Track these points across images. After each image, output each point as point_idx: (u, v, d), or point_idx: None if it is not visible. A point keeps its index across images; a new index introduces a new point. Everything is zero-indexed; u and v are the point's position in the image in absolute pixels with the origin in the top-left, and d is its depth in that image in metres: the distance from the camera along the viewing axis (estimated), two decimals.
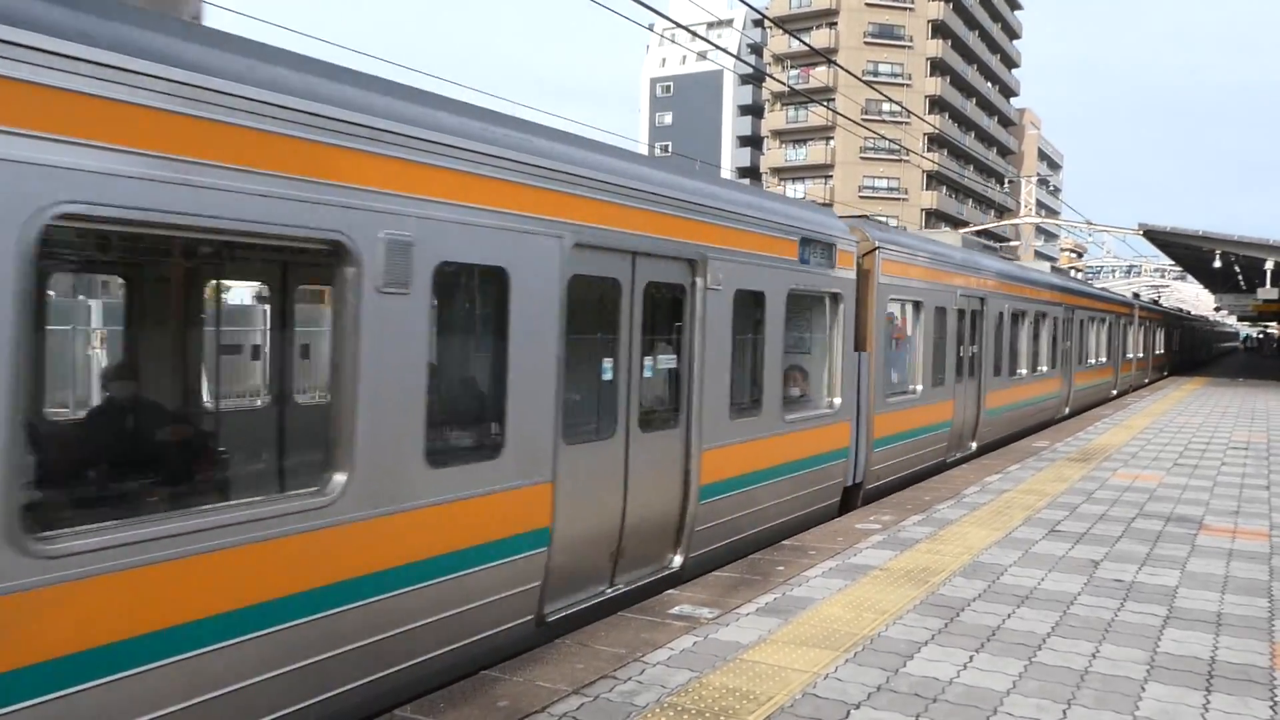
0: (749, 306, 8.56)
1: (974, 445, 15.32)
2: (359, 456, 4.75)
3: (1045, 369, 19.90)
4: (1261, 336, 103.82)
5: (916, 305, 12.71)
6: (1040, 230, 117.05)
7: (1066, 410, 22.37)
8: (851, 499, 10.97)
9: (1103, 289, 37.73)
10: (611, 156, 6.81)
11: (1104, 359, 27.31)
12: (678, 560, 7.62)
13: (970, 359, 14.94)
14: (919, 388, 12.69)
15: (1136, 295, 43.84)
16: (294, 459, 6.41)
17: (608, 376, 6.82)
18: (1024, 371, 18.34)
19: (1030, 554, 8.33)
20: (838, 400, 10.27)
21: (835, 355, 10.35)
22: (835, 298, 10.25)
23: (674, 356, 7.68)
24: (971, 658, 5.71)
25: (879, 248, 11.21)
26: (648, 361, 7.25)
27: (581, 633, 6.04)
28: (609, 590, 6.87)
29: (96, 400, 10.39)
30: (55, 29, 3.59)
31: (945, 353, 13.71)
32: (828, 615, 6.44)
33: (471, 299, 6.11)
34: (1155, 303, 50.88)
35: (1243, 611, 6.82)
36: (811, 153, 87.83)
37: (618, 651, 5.68)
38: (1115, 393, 29.22)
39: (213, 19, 4.90)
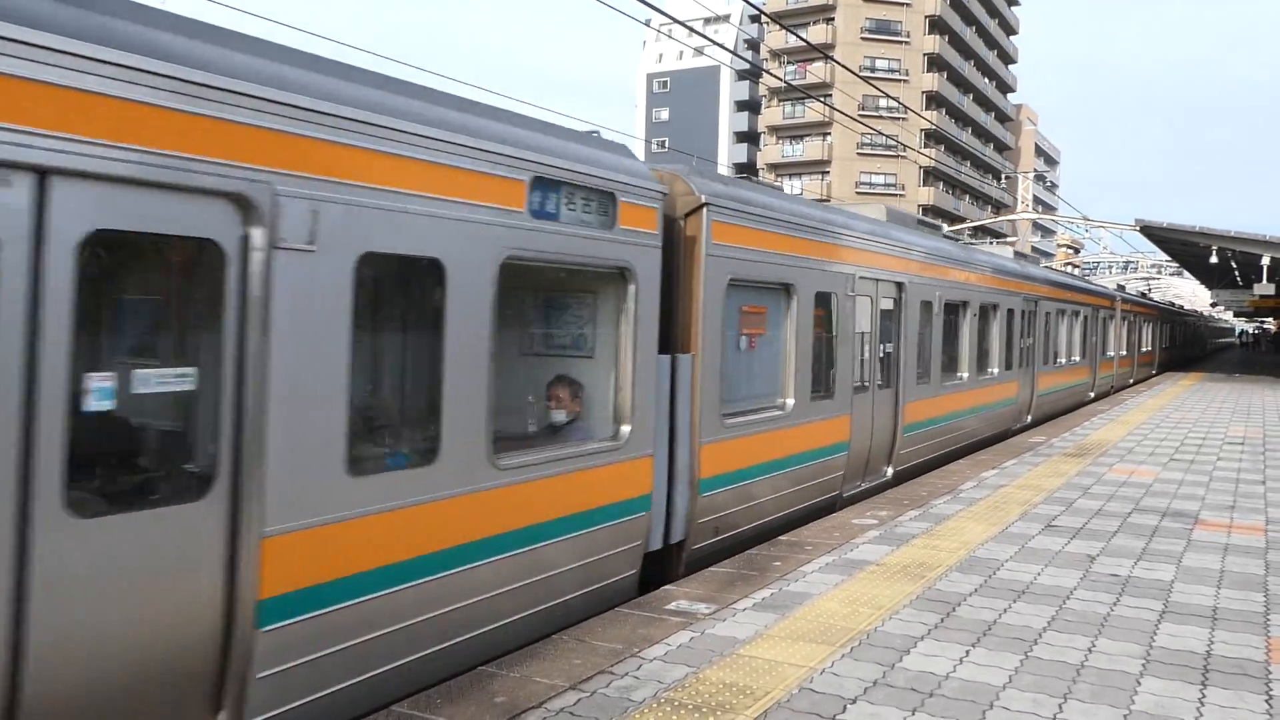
0: (400, 282, 5.77)
1: (890, 471, 12.17)
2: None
3: (996, 371, 16.86)
4: (1259, 332, 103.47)
5: (786, 289, 9.47)
6: (1037, 226, 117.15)
7: (1028, 419, 19.42)
8: (666, 567, 7.87)
9: (1083, 278, 34.64)
10: None
11: (1078, 358, 24.52)
12: None
13: (882, 361, 11.91)
14: (788, 402, 9.50)
15: (1121, 287, 40.48)
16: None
17: None
18: (964, 375, 15.12)
19: (1027, 549, 8.35)
20: (627, 428, 7.07)
21: (624, 361, 7.10)
22: (623, 274, 7.04)
23: (190, 376, 4.44)
24: (968, 652, 5.72)
25: (708, 204, 7.91)
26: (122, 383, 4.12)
27: (579, 628, 6.05)
28: None
29: None
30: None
31: (835, 354, 10.46)
32: (824, 610, 6.45)
33: None
34: (1144, 295, 46.66)
35: (1238, 606, 6.83)
36: (808, 148, 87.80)
37: (614, 647, 5.68)
38: (1092, 395, 26.77)
39: None
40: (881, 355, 11.74)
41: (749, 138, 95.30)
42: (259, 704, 4.50)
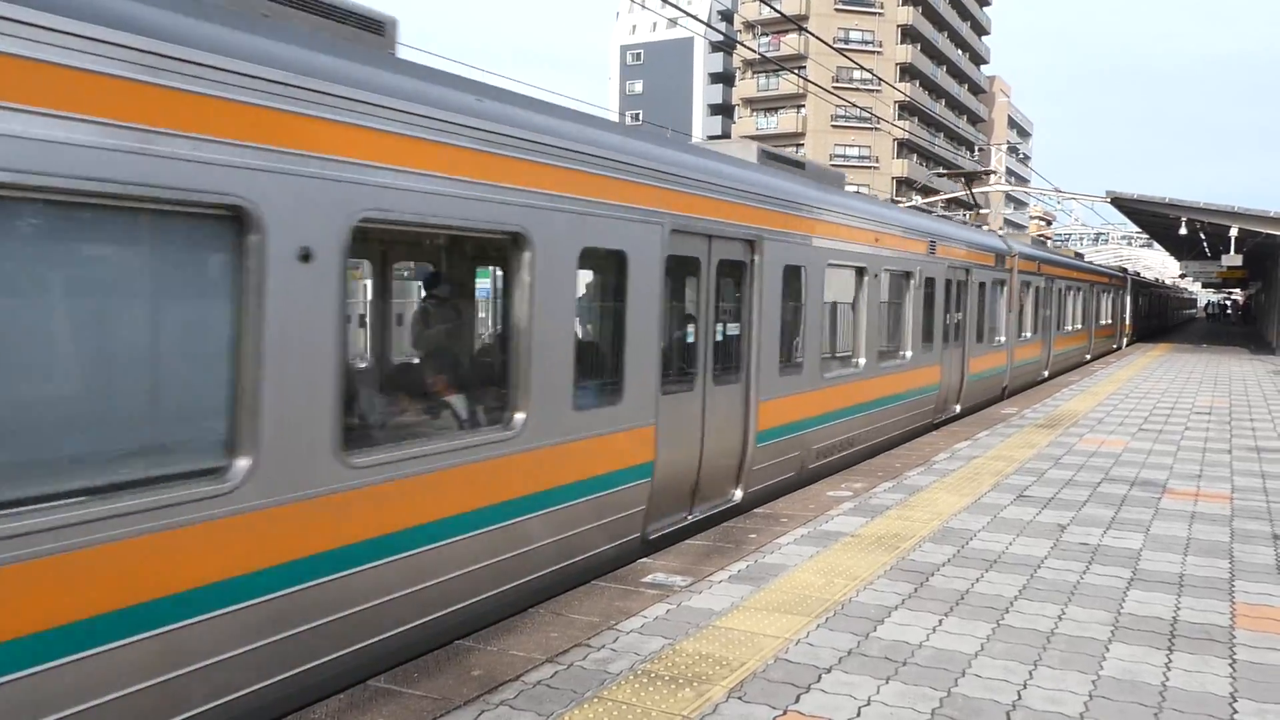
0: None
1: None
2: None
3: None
4: (1229, 302, 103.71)
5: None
6: (1010, 198, 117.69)
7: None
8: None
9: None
10: None
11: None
12: None
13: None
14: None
15: (1079, 255, 38.95)
16: None
17: None
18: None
19: (999, 519, 8.44)
20: None
21: None
22: None
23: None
24: (941, 621, 5.80)
25: None
26: None
27: (555, 602, 6.07)
28: None
29: None
30: None
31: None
32: (800, 582, 6.51)
33: None
34: (1078, 255, 40.13)
35: (1205, 573, 6.95)
36: (783, 121, 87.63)
37: (591, 620, 5.71)
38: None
39: None
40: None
41: (723, 110, 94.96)
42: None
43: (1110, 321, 37.14)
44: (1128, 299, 41.85)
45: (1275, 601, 6.34)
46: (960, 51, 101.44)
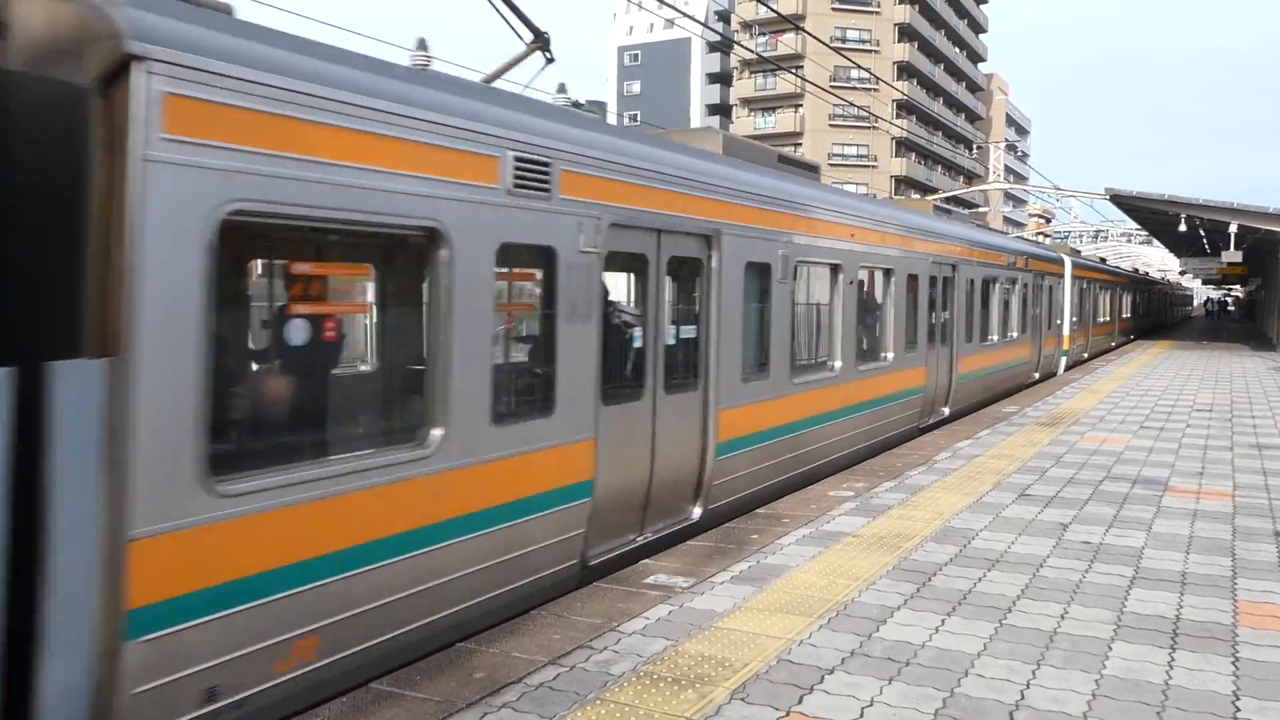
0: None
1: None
2: None
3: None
4: (1231, 299, 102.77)
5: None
6: (1008, 196, 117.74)
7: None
8: None
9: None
10: None
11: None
12: None
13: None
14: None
15: (1075, 252, 37.10)
16: None
17: None
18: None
19: (1001, 518, 8.44)
20: None
21: None
22: None
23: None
24: (943, 621, 5.79)
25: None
26: None
27: (557, 604, 6.07)
28: None
29: None
30: None
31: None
32: (802, 582, 6.50)
33: None
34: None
35: (1207, 571, 6.95)
36: (780, 120, 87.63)
37: (593, 621, 5.71)
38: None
39: None
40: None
41: (721, 110, 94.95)
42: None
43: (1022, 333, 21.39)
44: (1065, 296, 27.15)
45: (1278, 599, 6.33)
46: (958, 49, 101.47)
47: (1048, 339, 23.97)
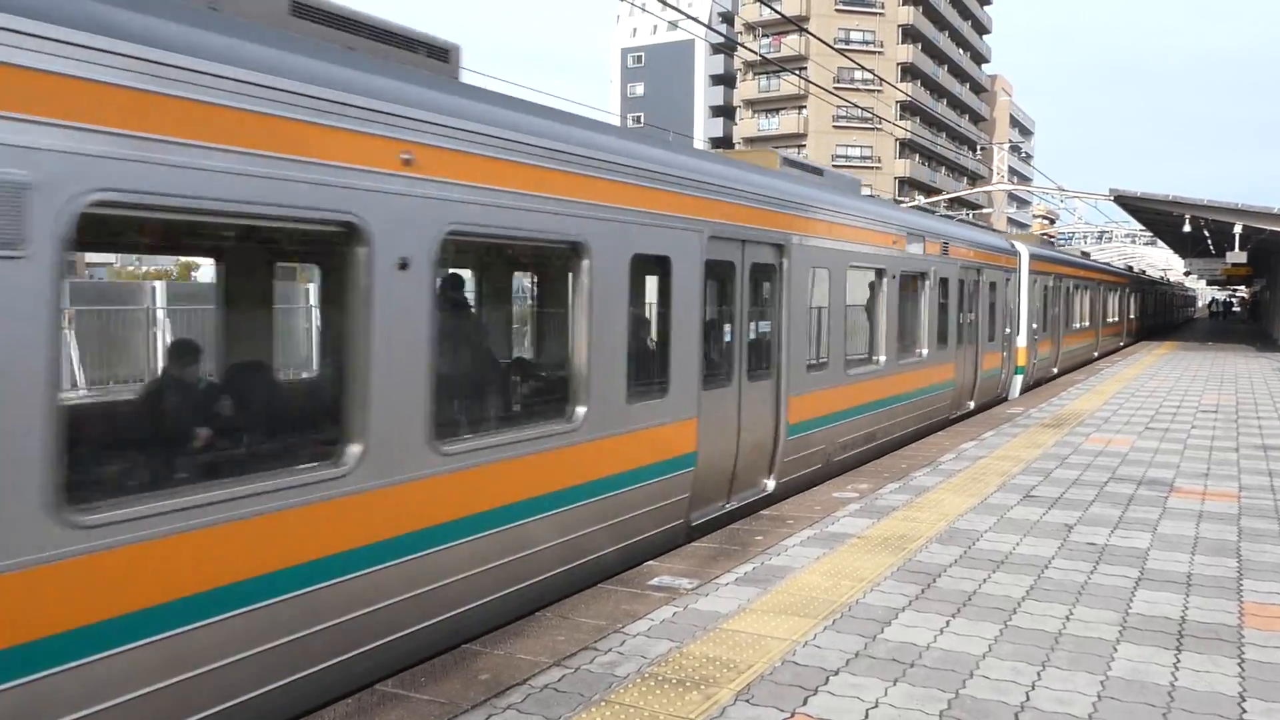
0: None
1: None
2: None
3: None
4: (1233, 300, 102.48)
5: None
6: (1012, 197, 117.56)
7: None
8: None
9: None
10: None
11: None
12: None
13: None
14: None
15: (1085, 253, 36.06)
16: None
17: None
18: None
19: (1005, 519, 8.43)
20: None
21: None
22: None
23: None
24: (948, 622, 5.78)
25: None
26: None
27: (562, 605, 6.07)
28: None
29: None
30: None
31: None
32: (806, 584, 6.50)
33: None
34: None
35: (1212, 572, 6.93)
36: (784, 122, 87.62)
37: (598, 623, 5.71)
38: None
39: None
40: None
41: (724, 112, 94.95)
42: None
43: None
44: (1021, 296, 21.22)
45: None
46: (961, 51, 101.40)
47: (987, 354, 17.97)
